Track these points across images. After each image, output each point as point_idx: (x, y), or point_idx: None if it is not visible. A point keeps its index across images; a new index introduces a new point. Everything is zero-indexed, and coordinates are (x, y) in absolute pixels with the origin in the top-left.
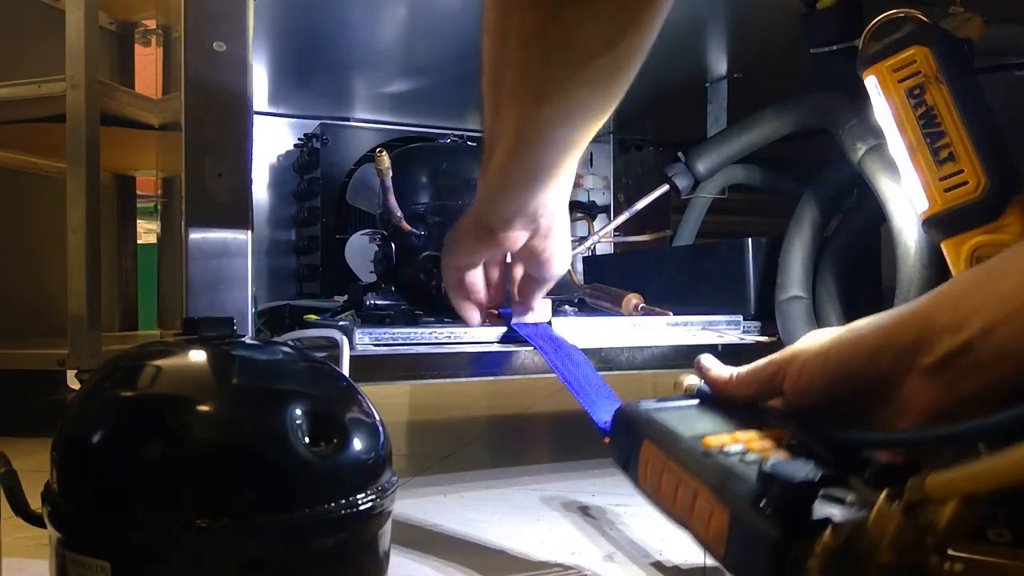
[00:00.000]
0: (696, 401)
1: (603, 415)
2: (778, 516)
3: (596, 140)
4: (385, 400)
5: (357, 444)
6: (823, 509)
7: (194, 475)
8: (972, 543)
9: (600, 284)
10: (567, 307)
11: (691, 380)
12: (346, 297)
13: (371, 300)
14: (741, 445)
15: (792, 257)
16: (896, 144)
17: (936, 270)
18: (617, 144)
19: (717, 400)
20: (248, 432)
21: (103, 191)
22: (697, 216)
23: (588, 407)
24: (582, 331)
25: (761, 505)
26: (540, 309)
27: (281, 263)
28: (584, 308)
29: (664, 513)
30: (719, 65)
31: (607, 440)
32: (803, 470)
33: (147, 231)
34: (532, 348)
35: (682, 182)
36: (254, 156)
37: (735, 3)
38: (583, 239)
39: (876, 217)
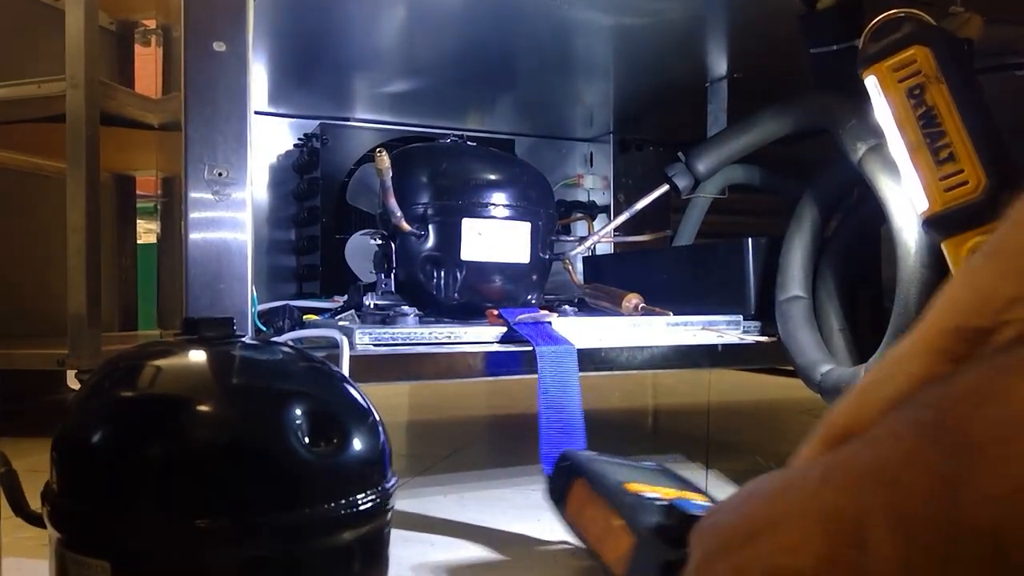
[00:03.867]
0: (647, 463)
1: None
2: (675, 541)
3: (596, 140)
4: (385, 400)
5: (357, 444)
6: None
7: (194, 475)
8: None
9: (600, 284)
10: (567, 307)
11: None
12: (346, 297)
13: (371, 300)
14: (658, 494)
15: (792, 257)
16: (896, 144)
17: (936, 270)
18: (617, 144)
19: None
20: (248, 432)
21: (103, 191)
22: (697, 216)
23: (544, 450)
24: (582, 331)
25: (662, 530)
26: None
27: (281, 263)
28: (584, 308)
29: (581, 540)
30: (719, 65)
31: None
32: (702, 509)
33: (147, 231)
34: (532, 348)
35: (682, 182)
36: (254, 156)
37: (735, 3)
38: (583, 239)
39: (876, 217)
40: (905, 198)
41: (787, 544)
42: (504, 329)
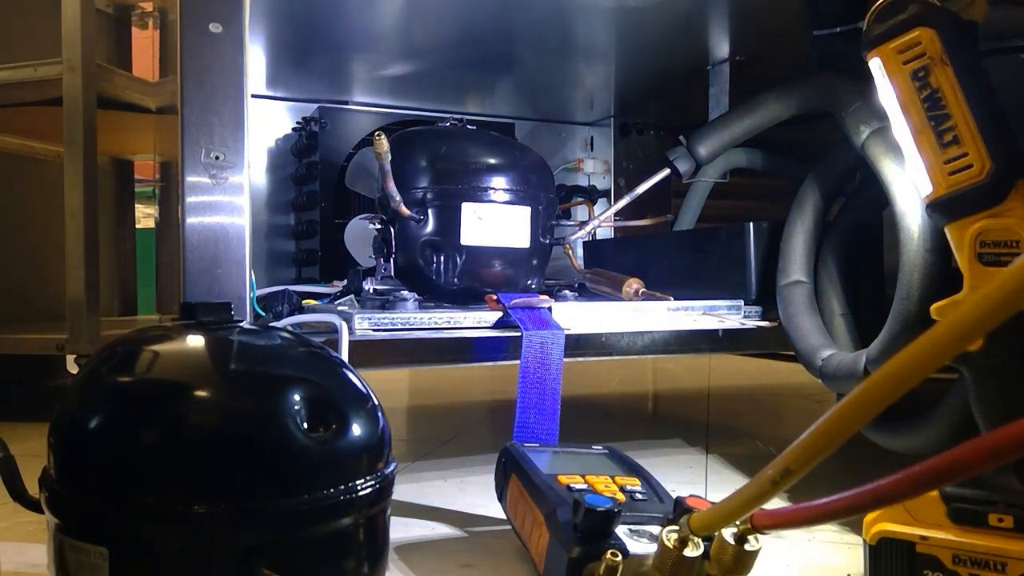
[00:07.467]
0: (596, 449)
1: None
2: (578, 537)
3: (597, 124)
4: (384, 385)
5: (356, 430)
6: (635, 541)
7: (192, 461)
8: (973, 528)
9: (600, 269)
10: (567, 292)
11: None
12: (345, 282)
13: (370, 285)
14: (587, 484)
15: (794, 242)
16: (900, 127)
17: (940, 255)
18: (618, 128)
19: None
20: (246, 418)
21: (101, 175)
22: (698, 200)
23: (518, 433)
24: (582, 316)
25: (572, 528)
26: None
27: (280, 248)
28: (584, 293)
29: (517, 535)
30: (721, 48)
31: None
32: (608, 503)
33: (145, 215)
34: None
35: (683, 166)
36: (252, 140)
37: None
38: (583, 224)
39: (879, 201)
40: (908, 182)
41: None
42: (502, 314)
